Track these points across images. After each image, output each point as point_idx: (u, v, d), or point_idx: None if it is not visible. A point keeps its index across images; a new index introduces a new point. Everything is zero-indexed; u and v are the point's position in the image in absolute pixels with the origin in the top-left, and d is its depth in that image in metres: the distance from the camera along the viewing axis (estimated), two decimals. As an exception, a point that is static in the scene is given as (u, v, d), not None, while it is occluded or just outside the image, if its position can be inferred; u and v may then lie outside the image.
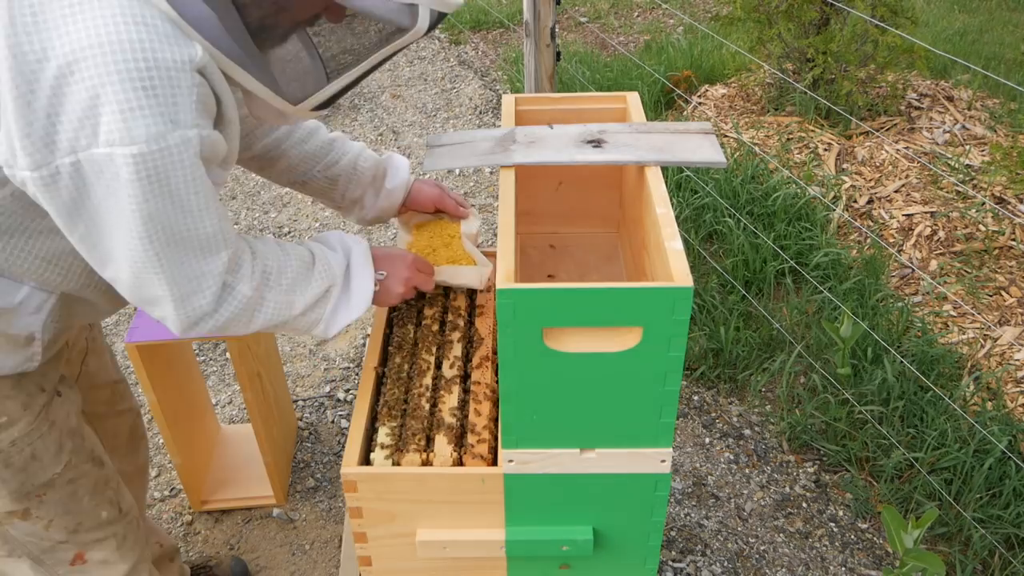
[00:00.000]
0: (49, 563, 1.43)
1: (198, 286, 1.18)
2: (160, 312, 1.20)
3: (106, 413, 1.69)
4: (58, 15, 0.99)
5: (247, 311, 1.25)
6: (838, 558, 2.22)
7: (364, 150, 1.67)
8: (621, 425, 1.26)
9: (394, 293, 1.45)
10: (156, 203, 1.06)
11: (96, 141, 1.01)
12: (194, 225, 1.12)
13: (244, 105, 1.25)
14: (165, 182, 1.05)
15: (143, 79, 0.99)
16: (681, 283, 1.12)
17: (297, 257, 1.31)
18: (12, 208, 1.13)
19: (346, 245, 1.40)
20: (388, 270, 1.44)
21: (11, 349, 1.25)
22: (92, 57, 0.98)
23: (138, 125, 1.00)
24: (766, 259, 3.06)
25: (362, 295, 1.38)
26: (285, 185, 1.67)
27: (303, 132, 1.60)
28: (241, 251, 1.23)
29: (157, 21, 1.01)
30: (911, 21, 3.67)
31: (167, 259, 1.12)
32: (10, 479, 1.31)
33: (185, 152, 1.05)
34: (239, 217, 3.71)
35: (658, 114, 4.25)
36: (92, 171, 1.03)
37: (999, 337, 2.75)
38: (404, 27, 1.12)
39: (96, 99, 0.99)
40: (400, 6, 1.10)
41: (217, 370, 2.88)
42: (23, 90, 0.99)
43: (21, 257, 1.19)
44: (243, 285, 1.23)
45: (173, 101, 1.02)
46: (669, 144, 1.44)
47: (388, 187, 1.68)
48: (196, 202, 1.10)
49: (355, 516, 1.37)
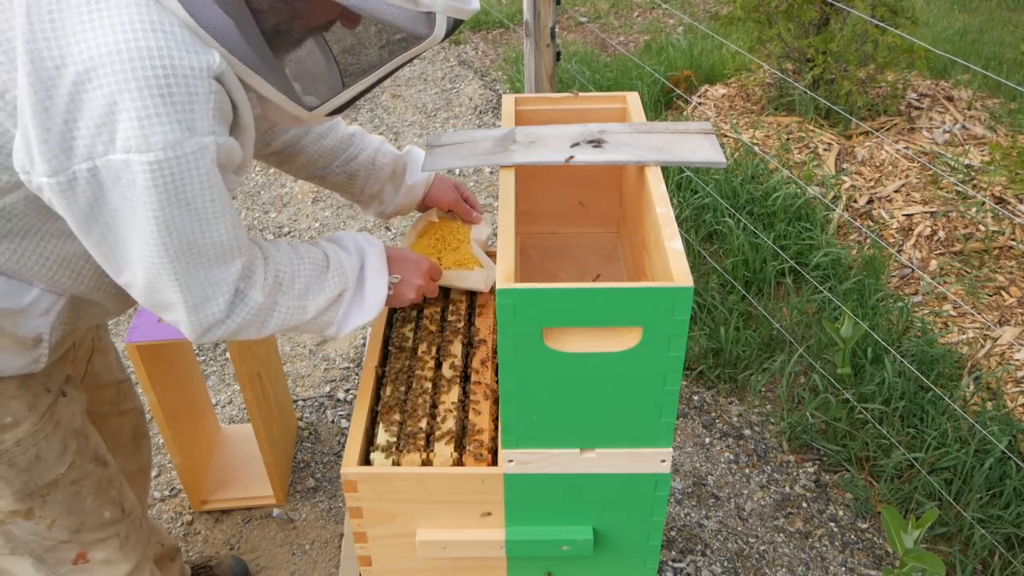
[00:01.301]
0: (51, 562, 1.43)
1: (212, 293, 1.18)
2: (173, 317, 1.21)
3: (110, 412, 1.70)
4: (76, 21, 0.99)
5: (259, 317, 1.25)
6: (838, 558, 2.22)
7: (383, 145, 1.67)
8: (621, 425, 1.26)
9: (406, 298, 1.46)
10: (171, 210, 1.06)
11: (113, 147, 1.01)
12: (209, 233, 1.12)
13: (258, 106, 1.25)
14: (181, 189, 1.05)
15: (160, 86, 1.00)
16: (681, 283, 1.12)
17: (310, 261, 1.31)
18: (25, 211, 1.14)
19: (360, 247, 1.40)
20: (402, 274, 1.44)
21: (18, 350, 1.26)
22: (110, 64, 0.98)
23: (155, 132, 1.00)
24: (766, 259, 3.06)
25: (376, 298, 1.38)
26: (305, 179, 1.68)
27: (321, 128, 1.60)
28: (254, 257, 1.24)
29: (175, 28, 1.01)
30: (911, 21, 3.67)
31: (181, 265, 1.13)
32: (14, 479, 1.31)
33: (202, 159, 1.05)
34: (239, 217, 3.71)
35: (658, 114, 4.25)
36: (109, 177, 1.03)
37: (999, 337, 2.75)
38: (421, 35, 1.12)
39: (114, 105, 0.99)
40: (417, 14, 1.09)
41: (217, 370, 2.88)
42: (41, 96, 0.99)
43: (32, 260, 1.19)
44: (255, 292, 1.23)
45: (190, 108, 1.02)
46: (669, 144, 1.44)
47: (408, 183, 1.68)
48: (211, 210, 1.10)
49: (355, 516, 1.37)
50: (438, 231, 1.70)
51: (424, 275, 1.47)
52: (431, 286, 1.50)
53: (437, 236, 1.69)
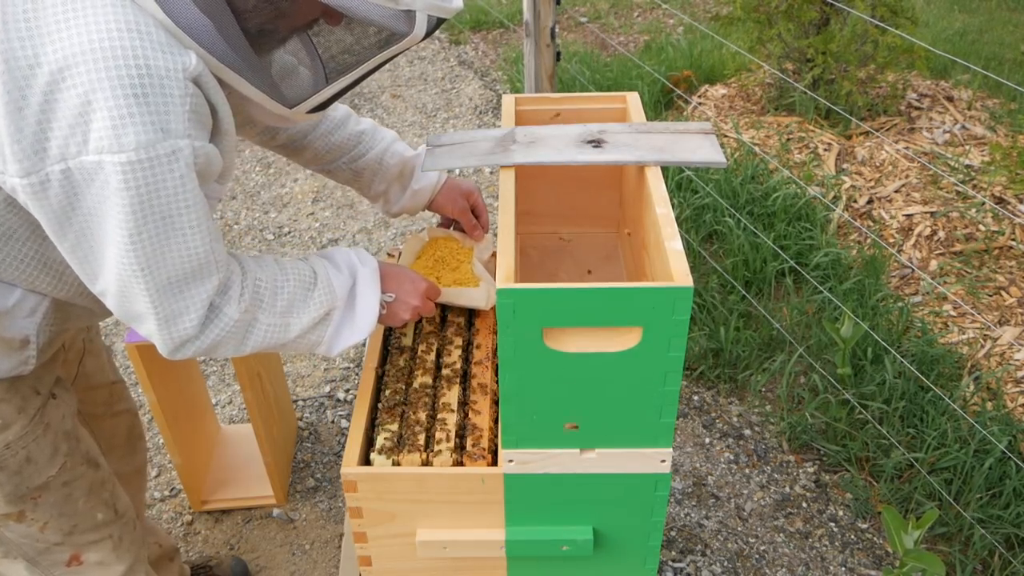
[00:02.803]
0: (45, 564, 1.42)
1: (183, 308, 1.15)
2: (145, 330, 1.18)
3: (104, 414, 1.69)
4: (51, 22, 0.98)
5: (236, 333, 1.22)
6: (838, 558, 2.22)
7: (393, 144, 1.64)
8: (621, 425, 1.26)
9: (400, 318, 1.42)
10: (143, 214, 1.04)
11: (86, 148, 0.99)
12: (183, 242, 1.09)
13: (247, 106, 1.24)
14: (154, 193, 1.03)
15: (135, 86, 0.98)
16: (681, 283, 1.12)
17: (296, 278, 1.28)
18: (4, 214, 1.12)
19: (352, 265, 1.36)
20: (397, 293, 1.40)
21: (5, 352, 1.24)
22: (84, 64, 0.97)
23: (128, 133, 0.98)
24: (766, 259, 3.06)
25: (367, 318, 1.34)
26: (315, 172, 1.66)
27: (330, 124, 1.58)
28: (232, 272, 1.21)
29: (151, 29, 1.00)
30: (911, 21, 3.67)
31: (152, 275, 1.09)
32: (5, 482, 1.31)
33: (175, 163, 1.02)
34: (239, 217, 3.71)
35: (658, 114, 4.25)
36: (82, 179, 1.01)
37: (999, 337, 2.75)
38: (402, 33, 1.11)
39: (87, 106, 0.98)
40: (397, 12, 1.09)
41: (217, 370, 2.88)
42: (15, 96, 0.98)
43: (12, 262, 1.17)
44: (230, 307, 1.20)
45: (165, 110, 1.00)
46: (669, 144, 1.44)
47: (414, 187, 1.65)
48: (187, 217, 1.07)
49: (355, 516, 1.37)
50: (437, 250, 1.66)
51: (421, 295, 1.43)
52: (428, 306, 1.45)
53: (436, 257, 1.64)
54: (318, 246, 3.50)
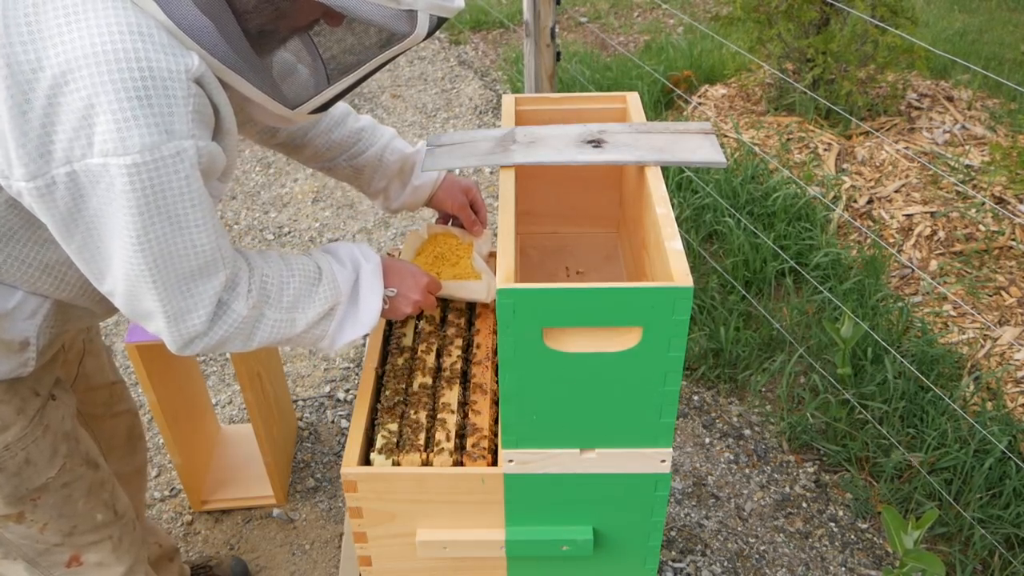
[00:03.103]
0: (44, 565, 1.42)
1: (192, 304, 1.16)
2: (154, 327, 1.19)
3: (103, 414, 1.69)
4: (53, 25, 0.98)
5: (244, 329, 1.23)
6: (838, 558, 2.22)
7: (392, 140, 1.65)
8: (621, 425, 1.26)
9: (402, 312, 1.43)
10: (150, 215, 1.04)
11: (91, 151, 1.00)
12: (190, 240, 1.10)
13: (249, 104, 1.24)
14: (160, 193, 1.04)
15: (138, 89, 0.98)
16: (681, 283, 1.12)
17: (301, 273, 1.29)
18: (6, 216, 1.12)
19: (355, 260, 1.37)
20: (399, 287, 1.41)
21: (5, 354, 1.24)
22: (87, 67, 0.97)
23: (132, 135, 0.99)
24: (766, 259, 3.06)
25: (370, 312, 1.35)
26: (315, 169, 1.67)
27: (330, 121, 1.58)
28: (239, 268, 1.21)
29: (153, 30, 1.00)
30: (911, 21, 3.67)
31: (160, 274, 1.10)
32: (4, 483, 1.31)
33: (180, 163, 1.03)
34: (239, 217, 3.71)
35: (658, 114, 4.25)
36: (88, 181, 1.02)
37: (999, 337, 2.75)
38: (403, 33, 1.11)
39: (91, 109, 0.98)
40: (399, 12, 1.09)
41: (217, 370, 2.88)
42: (18, 100, 0.98)
43: (14, 265, 1.17)
44: (238, 303, 1.21)
45: (168, 111, 1.01)
46: (669, 144, 1.44)
47: (414, 183, 1.66)
48: (192, 216, 1.08)
49: (355, 516, 1.37)
50: (436, 246, 1.67)
51: (422, 290, 1.44)
52: (429, 300, 1.47)
53: (436, 253, 1.65)
54: (318, 246, 3.50)
